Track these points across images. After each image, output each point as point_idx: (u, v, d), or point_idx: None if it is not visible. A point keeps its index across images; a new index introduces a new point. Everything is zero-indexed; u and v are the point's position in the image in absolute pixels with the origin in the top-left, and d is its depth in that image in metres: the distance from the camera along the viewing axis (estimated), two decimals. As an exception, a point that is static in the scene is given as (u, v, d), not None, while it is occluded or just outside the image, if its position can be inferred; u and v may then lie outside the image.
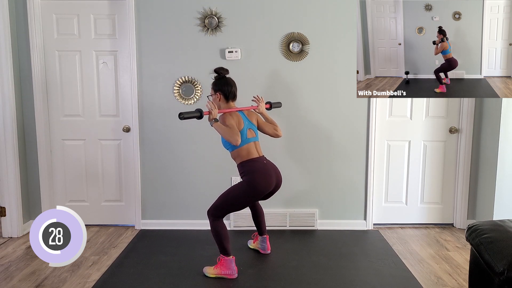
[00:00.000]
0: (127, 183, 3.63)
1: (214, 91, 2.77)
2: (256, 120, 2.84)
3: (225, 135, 2.53)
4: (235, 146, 2.61)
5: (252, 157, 2.67)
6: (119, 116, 3.58)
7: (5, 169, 3.35)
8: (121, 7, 3.42)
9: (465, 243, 3.26)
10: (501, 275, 1.64)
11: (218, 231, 2.63)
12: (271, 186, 2.67)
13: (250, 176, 2.62)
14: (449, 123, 3.60)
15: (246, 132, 2.68)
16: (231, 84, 2.75)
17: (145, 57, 3.43)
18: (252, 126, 2.76)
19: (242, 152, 2.67)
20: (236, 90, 2.77)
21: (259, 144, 2.80)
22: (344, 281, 2.65)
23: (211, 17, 3.37)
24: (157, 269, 2.80)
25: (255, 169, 2.63)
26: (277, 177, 2.71)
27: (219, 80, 2.76)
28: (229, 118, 2.63)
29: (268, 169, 2.67)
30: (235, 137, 2.50)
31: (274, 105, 3.03)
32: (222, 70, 2.77)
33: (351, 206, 3.61)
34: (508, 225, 1.91)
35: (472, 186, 3.61)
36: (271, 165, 2.72)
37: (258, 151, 2.75)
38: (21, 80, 3.44)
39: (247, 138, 2.68)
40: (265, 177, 2.63)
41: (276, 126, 2.86)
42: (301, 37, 3.39)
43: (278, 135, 2.86)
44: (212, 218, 2.66)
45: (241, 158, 2.68)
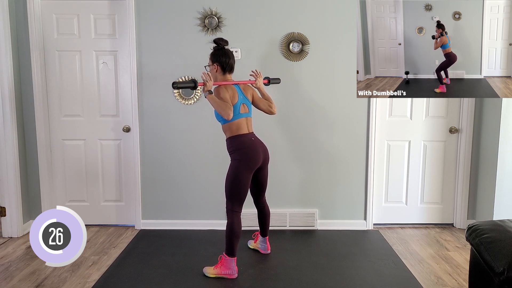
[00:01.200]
0: (127, 183, 3.63)
1: (211, 61, 2.72)
2: (251, 95, 2.80)
3: (217, 108, 2.51)
4: (226, 120, 2.59)
5: (241, 132, 2.66)
6: (119, 116, 3.58)
7: (5, 169, 3.35)
8: (121, 7, 3.42)
9: (465, 243, 3.26)
10: (501, 275, 1.64)
11: (233, 229, 2.63)
12: (259, 160, 2.69)
13: (238, 152, 2.64)
14: (449, 123, 3.60)
15: (240, 107, 2.66)
16: (229, 56, 2.70)
17: (145, 57, 3.43)
18: (246, 101, 2.74)
19: (232, 126, 2.66)
20: (234, 62, 2.73)
21: (251, 120, 2.78)
22: (344, 281, 2.65)
23: (211, 17, 3.37)
24: (157, 269, 2.80)
25: (242, 145, 2.64)
26: (264, 153, 2.74)
27: (218, 51, 2.71)
28: (223, 91, 2.59)
29: (255, 145, 2.68)
30: (227, 111, 2.48)
31: (272, 80, 3.00)
32: (222, 41, 2.72)
33: (351, 206, 3.61)
34: (508, 225, 1.91)
35: (472, 186, 3.61)
36: (258, 142, 2.74)
37: (248, 127, 2.73)
38: (21, 80, 3.44)
39: (240, 113, 2.66)
40: (252, 152, 2.65)
41: (271, 102, 2.84)
42: (301, 37, 3.39)
43: (272, 112, 2.84)
44: (230, 214, 2.65)
45: (230, 132, 2.67)
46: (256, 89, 2.88)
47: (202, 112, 3.45)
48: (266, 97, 2.87)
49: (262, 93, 2.88)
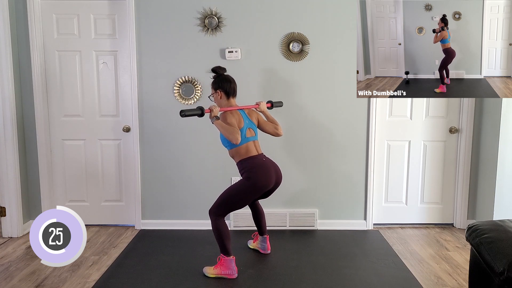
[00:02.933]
0: (127, 183, 3.63)
1: (214, 89, 2.78)
2: (256, 119, 2.84)
3: (225, 133, 2.55)
4: (234, 144, 2.62)
5: (250, 155, 2.68)
6: (119, 116, 3.58)
7: (5, 169, 3.35)
8: (121, 7, 3.42)
9: (465, 243, 3.26)
10: (501, 275, 1.64)
11: (220, 230, 2.64)
12: (271, 182, 2.68)
13: (250, 172, 2.63)
14: (449, 123, 3.60)
15: (246, 131, 2.69)
16: (230, 81, 2.76)
17: (145, 57, 3.43)
18: (252, 125, 2.77)
19: (240, 150, 2.68)
20: (236, 86, 2.79)
21: (258, 143, 2.81)
22: (344, 281, 2.65)
23: (211, 17, 3.37)
24: (157, 269, 2.80)
25: (255, 165, 2.64)
26: (276, 174, 2.72)
27: (218, 78, 2.77)
28: (230, 117, 2.65)
29: (268, 166, 2.68)
30: (235, 135, 2.51)
31: (275, 104, 3.03)
32: (220, 69, 2.79)
33: (351, 206, 3.61)
34: (508, 225, 1.91)
35: (472, 186, 3.61)
36: (270, 162, 2.74)
37: (257, 149, 2.76)
38: (21, 80, 3.44)
39: (246, 137, 2.69)
40: (265, 173, 2.64)
41: (277, 125, 2.87)
42: (301, 37, 3.39)
43: (278, 134, 2.87)
44: (213, 217, 2.66)
45: (239, 156, 2.69)
46: (260, 113, 2.91)
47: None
48: (271, 120, 2.90)
49: (266, 116, 2.91)
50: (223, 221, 2.68)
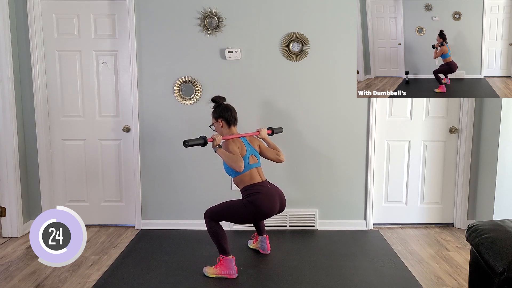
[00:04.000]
0: (127, 183, 3.63)
1: (215, 119, 2.82)
2: (258, 146, 2.88)
3: (228, 161, 2.58)
4: (237, 172, 2.65)
5: (255, 181, 2.70)
6: (119, 116, 3.58)
7: (5, 169, 3.35)
8: (121, 7, 3.42)
9: (465, 243, 3.26)
10: (501, 275, 1.64)
11: (215, 231, 2.65)
12: (275, 209, 2.70)
13: (254, 197, 2.64)
14: (449, 123, 3.60)
15: (249, 158, 2.72)
16: (230, 110, 2.81)
17: (145, 57, 3.43)
18: (254, 152, 2.80)
19: (244, 178, 2.70)
20: (236, 114, 2.83)
21: (262, 169, 2.83)
22: (344, 281, 2.65)
23: (211, 17, 3.37)
24: (157, 269, 2.80)
25: (260, 191, 2.66)
26: (281, 201, 2.74)
27: (218, 108, 2.81)
28: (232, 145, 2.68)
29: (272, 193, 2.70)
30: (238, 163, 2.55)
31: (275, 130, 3.07)
32: (219, 98, 2.84)
33: (351, 206, 3.61)
34: (508, 225, 1.91)
35: (472, 186, 3.61)
36: (275, 189, 2.75)
37: (261, 176, 2.78)
38: (21, 80, 3.44)
39: (249, 164, 2.72)
40: (270, 200, 2.65)
41: (279, 151, 2.90)
42: (301, 37, 3.39)
43: (280, 160, 2.88)
44: (208, 220, 2.68)
45: (244, 183, 2.71)
46: (261, 140, 2.93)
47: (202, 112, 3.45)
48: (272, 146, 2.92)
49: (267, 143, 2.93)
50: (217, 223, 2.68)
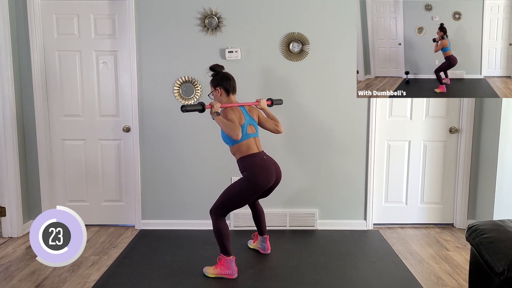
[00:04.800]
0: (127, 183, 3.63)
1: (213, 87, 2.78)
2: (257, 116, 2.84)
3: (226, 129, 2.54)
4: (235, 141, 2.62)
5: (251, 152, 2.68)
6: (119, 116, 3.58)
7: (5, 169, 3.35)
8: (121, 7, 3.42)
9: (465, 243, 3.26)
10: (501, 275, 1.64)
11: (220, 231, 2.64)
12: (271, 181, 2.68)
13: (250, 171, 2.63)
14: (449, 123, 3.60)
15: (247, 128, 2.69)
16: (229, 78, 2.76)
17: (145, 57, 3.43)
18: (252, 122, 2.77)
19: (241, 147, 2.67)
20: (235, 82, 2.79)
21: (259, 140, 2.80)
22: (344, 281, 2.65)
23: (211, 17, 3.37)
24: (157, 269, 2.80)
25: (255, 164, 2.64)
26: (276, 172, 2.73)
27: (217, 76, 2.77)
28: (230, 113, 2.64)
29: (268, 164, 2.68)
30: (236, 131, 2.51)
31: (275, 101, 3.03)
32: (218, 67, 2.79)
33: (351, 206, 3.61)
34: (508, 225, 1.91)
35: (472, 186, 3.61)
36: (270, 160, 2.74)
37: (258, 147, 2.75)
38: (21, 80, 3.44)
39: (247, 133, 2.69)
40: (265, 172, 2.64)
41: (278, 122, 2.87)
42: (301, 37, 3.39)
43: (279, 131, 2.86)
44: (214, 217, 2.66)
45: (240, 153, 2.69)
46: (261, 110, 2.91)
47: (202, 112, 3.45)
48: (271, 117, 2.90)
49: (267, 114, 2.91)
50: (224, 221, 2.68)
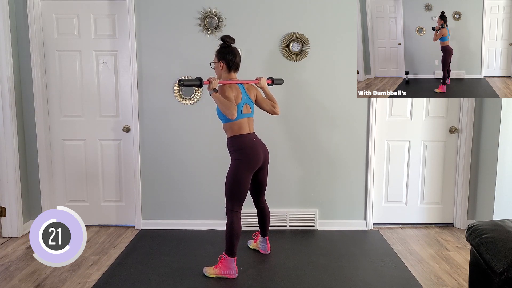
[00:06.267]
0: (127, 183, 3.63)
1: (217, 58, 2.71)
2: (254, 95, 2.80)
3: (222, 108, 2.52)
4: (229, 119, 2.58)
5: (242, 132, 2.67)
6: (119, 116, 3.58)
7: (5, 169, 3.35)
8: (121, 7, 3.42)
9: (465, 243, 3.26)
10: (501, 275, 1.64)
11: (233, 229, 2.63)
12: (259, 160, 2.70)
13: (238, 152, 2.64)
14: (449, 123, 3.60)
15: (242, 107, 2.67)
16: (235, 54, 2.69)
17: (145, 57, 3.43)
18: (249, 102, 2.73)
19: (234, 126, 2.66)
20: (240, 60, 2.72)
21: (253, 120, 2.78)
22: (344, 281, 2.65)
23: (211, 17, 3.37)
24: (157, 269, 2.80)
25: (243, 145, 2.64)
26: (264, 154, 2.75)
27: (224, 49, 2.70)
28: (228, 90, 2.60)
29: (256, 146, 2.69)
30: (231, 110, 2.49)
31: (276, 81, 3.00)
32: (229, 38, 2.70)
33: (351, 206, 3.61)
34: (508, 225, 1.91)
35: (472, 186, 3.61)
36: (259, 142, 2.74)
37: (250, 128, 2.73)
38: (21, 80, 3.44)
39: (242, 113, 2.66)
40: (253, 152, 2.65)
41: (275, 103, 2.84)
42: (301, 37, 3.39)
43: (275, 113, 2.84)
44: (230, 214, 2.65)
45: (232, 131, 2.67)
46: (260, 89, 2.88)
47: (202, 112, 3.45)
48: (269, 97, 2.87)
49: (266, 93, 2.87)
50: (238, 219, 2.66)
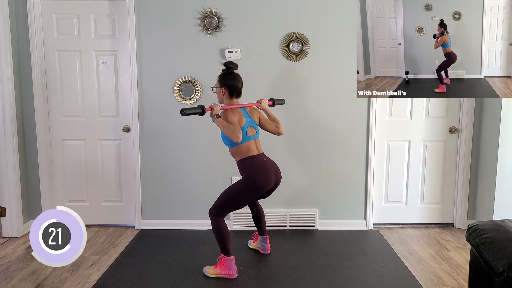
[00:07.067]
0: (127, 183, 3.63)
1: (219, 84, 2.73)
2: (257, 117, 2.82)
3: (226, 132, 2.52)
4: (234, 142, 2.60)
5: (251, 154, 2.67)
6: (119, 116, 3.57)
7: (5, 169, 3.35)
8: (121, 7, 3.42)
9: (465, 243, 3.26)
10: (501, 275, 1.65)
11: (220, 231, 2.63)
12: (271, 183, 2.67)
13: (250, 172, 2.62)
14: (449, 123, 3.60)
15: (247, 130, 2.67)
16: (238, 81, 2.71)
17: (145, 57, 3.43)
18: (253, 124, 2.75)
19: (241, 149, 2.66)
20: (241, 87, 2.74)
21: (259, 141, 2.79)
22: (344, 281, 2.65)
23: (211, 17, 3.37)
24: (157, 269, 2.80)
25: (255, 166, 2.63)
26: (276, 174, 2.71)
27: (227, 75, 2.71)
28: (231, 115, 2.62)
29: (268, 166, 2.67)
30: (236, 134, 2.50)
31: (277, 101, 3.01)
32: (232, 64, 2.71)
33: (351, 206, 3.61)
34: (508, 225, 1.91)
35: (472, 186, 3.61)
36: (270, 162, 2.73)
37: (258, 149, 2.74)
38: (21, 80, 3.44)
39: (248, 135, 2.67)
40: (265, 173, 2.63)
41: (278, 123, 2.85)
42: (301, 37, 3.39)
43: (279, 133, 2.84)
44: (213, 218, 2.66)
45: (240, 155, 2.68)
46: (262, 111, 2.90)
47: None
48: (272, 118, 2.88)
49: (268, 115, 2.89)
50: (223, 221, 2.67)
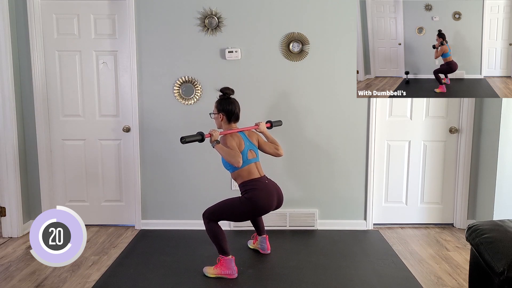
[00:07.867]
0: (127, 183, 3.63)
1: (217, 110, 2.77)
2: (257, 140, 2.85)
3: (226, 157, 2.55)
4: (236, 167, 2.62)
5: (253, 177, 2.68)
6: (119, 116, 3.57)
7: (5, 169, 3.35)
8: (121, 7, 3.42)
9: (465, 243, 3.26)
10: (501, 275, 1.65)
11: (214, 232, 2.65)
12: (272, 206, 2.69)
13: (252, 193, 2.63)
14: (449, 123, 3.60)
15: (247, 153, 2.70)
16: (235, 106, 2.75)
17: (145, 57, 3.43)
18: (253, 147, 2.77)
19: (242, 173, 2.68)
20: (239, 112, 2.78)
21: (260, 164, 2.81)
22: (344, 281, 2.65)
23: (211, 17, 3.37)
24: (157, 269, 2.80)
25: (257, 187, 2.64)
26: (278, 197, 2.72)
27: (224, 100, 2.76)
28: (230, 140, 2.64)
29: (270, 189, 2.68)
30: (236, 158, 2.52)
31: (274, 123, 3.06)
32: (228, 90, 2.77)
33: (351, 206, 3.61)
34: (508, 225, 1.91)
35: (472, 186, 3.61)
36: (272, 184, 2.74)
37: (259, 171, 2.76)
38: (21, 80, 3.44)
39: (248, 159, 2.69)
40: (267, 196, 2.64)
41: (278, 145, 2.88)
42: (301, 37, 3.39)
43: (279, 154, 2.86)
44: (206, 221, 2.67)
45: (242, 178, 2.69)
46: (260, 134, 2.91)
47: (202, 112, 3.45)
48: (271, 140, 2.90)
49: (266, 137, 2.92)
50: (216, 223, 2.68)
